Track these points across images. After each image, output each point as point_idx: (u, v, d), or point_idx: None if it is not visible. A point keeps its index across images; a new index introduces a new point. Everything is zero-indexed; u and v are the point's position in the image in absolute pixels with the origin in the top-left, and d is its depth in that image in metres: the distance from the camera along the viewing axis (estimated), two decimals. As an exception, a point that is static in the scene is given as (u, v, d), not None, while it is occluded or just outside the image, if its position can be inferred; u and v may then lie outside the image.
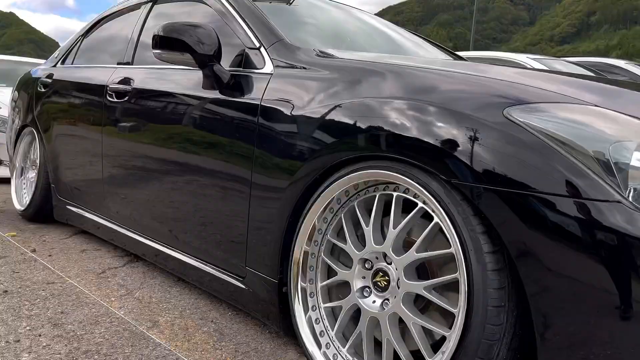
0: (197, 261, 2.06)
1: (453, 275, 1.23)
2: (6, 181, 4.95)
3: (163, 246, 2.27)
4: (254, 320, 1.98)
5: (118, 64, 2.78)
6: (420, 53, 2.76)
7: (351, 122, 1.45)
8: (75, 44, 3.46)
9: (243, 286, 1.83)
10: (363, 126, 1.41)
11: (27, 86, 3.69)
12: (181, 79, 2.18)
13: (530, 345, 1.12)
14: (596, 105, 1.17)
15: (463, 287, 1.16)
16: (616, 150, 1.07)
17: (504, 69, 1.48)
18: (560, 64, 4.85)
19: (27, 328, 1.80)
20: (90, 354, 1.63)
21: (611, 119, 1.13)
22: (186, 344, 1.75)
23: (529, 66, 4.15)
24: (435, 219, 1.28)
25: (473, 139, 1.19)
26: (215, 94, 1.96)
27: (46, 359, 1.58)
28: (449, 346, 1.18)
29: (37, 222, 3.40)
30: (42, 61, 7.63)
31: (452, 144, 1.22)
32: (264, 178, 1.69)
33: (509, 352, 1.15)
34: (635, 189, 1.05)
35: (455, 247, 1.20)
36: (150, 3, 2.81)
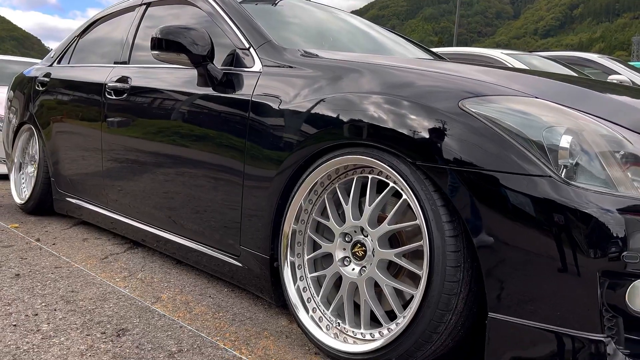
0: (195, 244, 2.26)
1: (419, 243, 1.45)
2: (4, 177, 5.11)
3: (163, 231, 2.46)
4: (248, 294, 2.19)
5: (115, 63, 2.96)
6: (399, 51, 2.98)
7: (333, 114, 1.66)
8: (71, 44, 3.62)
9: (238, 264, 2.03)
10: (343, 118, 1.62)
11: (22, 85, 3.85)
12: (176, 77, 2.37)
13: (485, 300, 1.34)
14: (537, 97, 1.39)
15: (426, 251, 1.38)
16: (549, 134, 1.29)
17: (461, 66, 1.70)
18: (535, 59, 5.09)
19: (43, 304, 2.00)
20: (102, 324, 1.83)
21: (548, 108, 1.36)
22: (188, 315, 1.96)
23: (503, 62, 4.39)
24: (404, 196, 1.49)
25: (434, 127, 1.41)
26: (208, 91, 2.16)
27: (64, 329, 1.78)
28: (415, 301, 1.40)
29: (37, 214, 3.57)
30: (27, 59, 7.75)
31: (416, 131, 1.43)
32: (254, 167, 1.90)
33: (466, 305, 1.37)
34: (565, 166, 1.27)
35: (420, 219, 1.41)
36: (144, 6, 2.98)
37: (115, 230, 2.93)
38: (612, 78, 5.87)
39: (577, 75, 4.57)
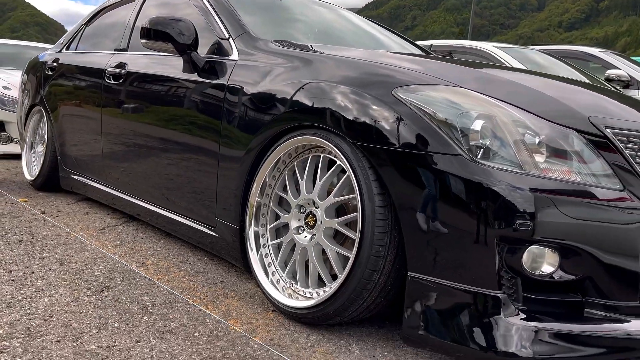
0: (184, 218, 2.46)
1: (356, 213, 1.65)
2: (17, 157, 5.41)
3: (156, 207, 2.68)
4: (225, 262, 2.41)
5: (115, 50, 3.19)
6: (383, 44, 3.16)
7: (290, 99, 1.86)
8: (79, 32, 3.87)
9: (214, 234, 2.25)
10: (299, 103, 1.83)
11: (35, 69, 4.11)
12: (167, 64, 2.59)
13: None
14: (460, 86, 1.58)
15: (359, 219, 1.59)
16: (463, 119, 1.48)
17: (406, 58, 1.90)
18: (534, 53, 5.20)
19: (40, 265, 2.25)
20: (89, 282, 2.07)
21: (467, 96, 1.55)
22: (167, 277, 2.19)
23: (494, 55, 4.53)
24: (347, 173, 1.70)
25: (370, 111, 1.61)
26: (193, 77, 2.37)
27: (55, 284, 2.03)
28: (349, 261, 1.60)
29: (45, 190, 3.84)
30: (46, 45, 8.04)
31: (356, 115, 1.63)
32: (228, 147, 2.11)
33: (393, 267, 1.57)
34: (477, 146, 1.46)
35: (356, 191, 1.62)
36: (143, -3, 3.21)
37: (114, 206, 3.17)
38: (610, 73, 5.96)
39: (575, 71, 4.69)
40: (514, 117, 1.50)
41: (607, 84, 5.27)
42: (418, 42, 5.36)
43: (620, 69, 6.12)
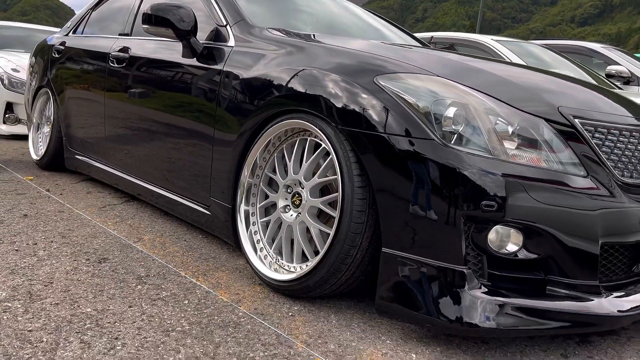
0: (182, 198, 2.57)
1: (337, 193, 1.75)
2: (24, 137, 5.54)
3: (156, 187, 2.79)
4: (218, 240, 2.53)
5: (119, 34, 3.29)
6: (382, 35, 3.25)
7: (281, 84, 1.96)
8: (85, 16, 3.97)
9: (209, 213, 2.36)
10: (287, 88, 1.92)
11: (43, 52, 4.22)
12: (168, 49, 2.69)
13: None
14: (438, 75, 1.68)
15: (339, 198, 1.69)
16: (436, 105, 1.58)
17: (389, 48, 1.99)
18: (533, 47, 5.25)
19: (43, 237, 2.37)
20: (88, 254, 2.19)
21: (443, 84, 1.64)
22: (162, 252, 2.31)
23: (492, 48, 4.59)
24: (330, 155, 1.80)
25: (352, 97, 1.71)
26: (193, 61, 2.47)
27: (56, 254, 2.15)
28: (329, 238, 1.71)
29: (50, 170, 3.97)
30: (55, 29, 8.15)
31: (339, 100, 1.73)
32: (222, 130, 2.21)
33: (370, 244, 1.68)
34: (451, 132, 1.56)
35: (337, 172, 1.72)
36: (148, -17, 3.30)
37: (116, 186, 3.29)
38: (611, 69, 6.00)
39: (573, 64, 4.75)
40: (486, 106, 1.60)
41: (607, 80, 5.32)
42: (422, 34, 5.44)
43: (621, 65, 6.16)
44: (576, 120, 1.66)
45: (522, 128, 1.60)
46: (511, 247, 1.55)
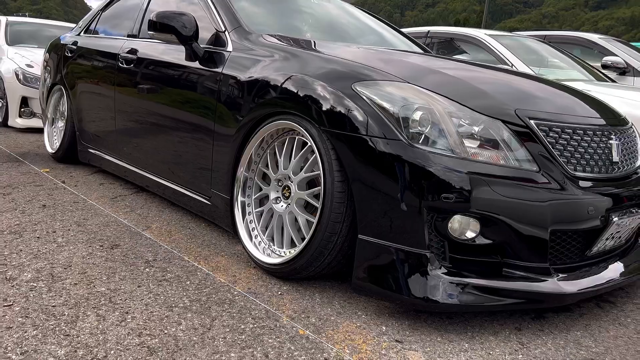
0: (186, 189, 2.81)
1: (320, 187, 1.97)
2: (39, 130, 5.81)
3: (162, 179, 3.03)
4: (218, 228, 2.77)
5: (128, 36, 3.52)
6: (377, 36, 3.44)
7: (271, 88, 2.18)
8: (96, 16, 4.20)
9: (210, 203, 2.60)
10: (277, 91, 2.14)
11: (56, 50, 4.46)
12: (172, 52, 2.91)
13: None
14: (409, 82, 1.89)
15: (322, 191, 1.91)
16: (405, 110, 1.79)
17: (372, 56, 2.20)
18: (527, 41, 5.38)
19: (60, 226, 2.62)
20: (102, 241, 2.44)
21: (411, 90, 1.85)
22: (168, 239, 2.55)
23: (485, 42, 4.75)
24: (315, 153, 2.02)
25: (333, 102, 1.92)
26: (195, 64, 2.69)
27: (74, 242, 2.40)
28: (313, 226, 1.94)
29: (65, 162, 4.22)
30: (63, 23, 8.40)
31: (322, 104, 1.95)
32: (221, 128, 2.44)
33: (349, 231, 1.90)
34: (418, 133, 1.77)
35: (320, 168, 1.94)
36: (154, -13, 3.52)
37: (126, 178, 3.53)
38: (607, 60, 6.14)
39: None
40: (449, 109, 1.81)
41: (600, 72, 5.45)
42: (419, 29, 5.61)
43: (618, 55, 6.29)
44: (531, 121, 1.86)
45: (483, 129, 1.81)
46: (469, 234, 1.76)
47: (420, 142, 1.77)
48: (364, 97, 1.87)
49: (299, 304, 1.92)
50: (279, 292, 2.00)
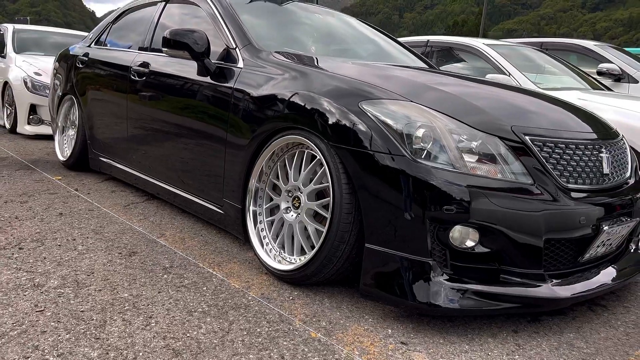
0: (196, 197, 2.94)
1: (329, 198, 2.10)
2: (47, 137, 5.94)
3: (173, 187, 3.16)
4: (230, 235, 2.90)
5: (139, 49, 3.65)
6: (374, 51, 3.58)
7: (282, 104, 2.31)
8: (106, 29, 4.33)
9: (222, 212, 2.73)
10: (288, 108, 2.27)
11: (66, 60, 4.59)
12: (184, 67, 3.04)
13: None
14: (411, 101, 2.02)
15: (330, 202, 2.05)
16: (408, 127, 1.92)
17: (377, 73, 2.33)
18: (524, 50, 5.51)
19: (79, 234, 2.75)
20: (120, 248, 2.57)
21: (416, 109, 1.98)
22: (182, 246, 2.68)
23: (483, 52, 4.89)
24: (323, 166, 2.15)
25: (341, 119, 2.05)
26: (206, 79, 2.82)
27: (93, 249, 2.53)
28: (322, 235, 2.07)
29: (76, 170, 4.35)
30: (67, 30, 8.53)
31: (330, 121, 2.08)
32: (233, 140, 2.57)
33: (356, 240, 2.03)
34: (421, 149, 1.91)
35: (329, 181, 2.07)
36: (164, 2, 3.65)
37: (137, 185, 3.66)
38: (602, 67, 6.28)
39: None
40: (450, 127, 1.94)
41: (595, 80, 5.58)
42: (419, 38, 5.75)
43: (613, 62, 6.43)
44: (526, 137, 1.99)
45: (481, 145, 1.94)
46: (469, 243, 1.89)
47: (422, 157, 1.90)
48: (369, 115, 2.00)
49: (309, 308, 2.04)
50: (291, 297, 2.13)
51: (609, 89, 5.43)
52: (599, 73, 6.25)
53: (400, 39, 6.36)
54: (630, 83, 6.31)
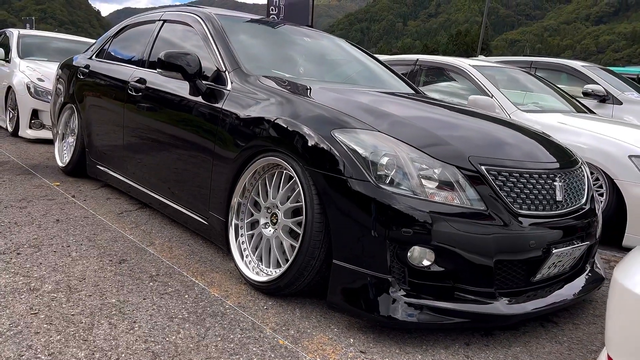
0: (184, 208, 3.14)
1: (302, 216, 2.30)
2: (48, 141, 6.14)
3: (163, 198, 3.36)
4: (215, 246, 3.09)
5: (137, 64, 3.85)
6: (359, 73, 3.78)
7: (263, 128, 2.51)
8: (106, 43, 4.54)
9: (207, 223, 2.92)
10: (268, 132, 2.47)
11: (69, 69, 4.79)
12: (177, 86, 3.24)
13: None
14: (379, 131, 2.22)
15: (303, 220, 2.24)
16: (373, 155, 2.12)
17: (352, 102, 2.53)
18: (514, 72, 5.72)
19: (74, 240, 2.94)
20: (111, 256, 2.76)
21: (380, 137, 2.18)
22: (169, 255, 2.87)
23: (468, 73, 5.09)
24: (298, 187, 2.34)
25: (314, 145, 2.25)
26: (198, 99, 3.02)
27: (86, 256, 2.72)
28: (295, 250, 2.26)
29: (74, 176, 4.55)
30: (69, 36, 8.75)
31: (305, 146, 2.28)
32: (219, 160, 2.76)
33: (326, 255, 2.22)
34: (385, 175, 2.10)
35: (302, 201, 2.26)
36: (162, 22, 3.86)
37: (130, 194, 3.85)
38: (588, 87, 6.49)
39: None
40: (412, 156, 2.14)
41: (577, 101, 5.77)
42: (409, 56, 5.95)
43: (599, 83, 6.64)
44: (482, 167, 2.19)
45: (440, 173, 2.14)
46: (426, 262, 2.08)
47: (386, 183, 2.09)
48: (340, 143, 2.20)
49: (281, 317, 2.23)
50: (265, 307, 2.32)
51: (592, 112, 5.62)
52: (585, 94, 6.46)
53: (391, 57, 6.58)
54: (614, 104, 6.51)
